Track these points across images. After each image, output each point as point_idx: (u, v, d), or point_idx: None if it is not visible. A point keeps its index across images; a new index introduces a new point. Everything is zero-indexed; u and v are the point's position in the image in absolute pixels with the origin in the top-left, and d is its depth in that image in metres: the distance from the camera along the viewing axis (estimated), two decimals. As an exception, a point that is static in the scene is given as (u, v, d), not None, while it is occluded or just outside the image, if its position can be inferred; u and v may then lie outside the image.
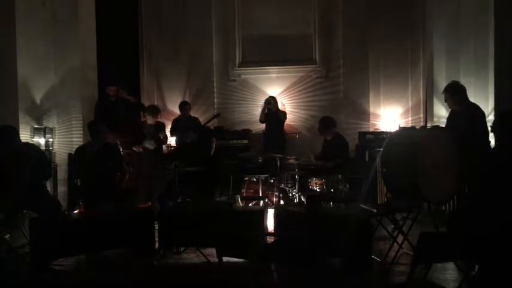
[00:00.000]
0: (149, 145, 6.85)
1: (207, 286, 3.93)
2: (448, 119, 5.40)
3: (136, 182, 6.25)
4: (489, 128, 5.08)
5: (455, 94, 5.14)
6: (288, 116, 8.11)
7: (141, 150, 6.70)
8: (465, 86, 5.37)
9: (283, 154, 6.86)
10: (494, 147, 4.59)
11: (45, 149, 6.86)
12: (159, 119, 7.27)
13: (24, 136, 6.70)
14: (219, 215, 4.61)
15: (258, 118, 7.99)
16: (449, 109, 5.39)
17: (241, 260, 4.26)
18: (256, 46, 8.85)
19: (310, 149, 7.16)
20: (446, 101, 5.25)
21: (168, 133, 7.89)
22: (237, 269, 4.18)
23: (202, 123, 7.72)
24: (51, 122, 7.28)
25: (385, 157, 4.77)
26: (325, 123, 6.52)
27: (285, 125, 8.04)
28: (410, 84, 8.51)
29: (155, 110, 7.24)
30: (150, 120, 7.05)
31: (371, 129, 8.22)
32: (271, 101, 7.72)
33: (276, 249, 4.31)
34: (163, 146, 7.46)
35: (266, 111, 7.76)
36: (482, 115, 5.10)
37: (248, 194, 6.37)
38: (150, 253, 4.59)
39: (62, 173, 7.06)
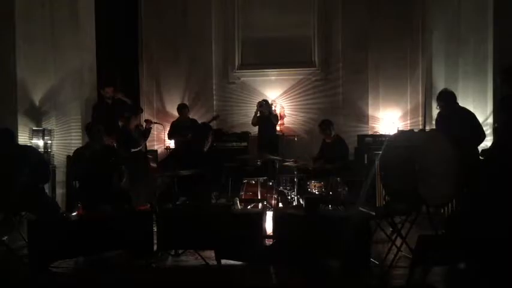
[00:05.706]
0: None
1: (205, 289, 3.91)
2: (437, 122, 5.55)
3: (134, 183, 6.23)
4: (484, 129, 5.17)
5: (438, 101, 5.40)
6: (287, 118, 8.10)
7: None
8: (464, 88, 5.40)
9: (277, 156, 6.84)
10: (493, 148, 4.59)
11: (44, 151, 6.83)
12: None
13: (23, 138, 6.70)
14: (218, 217, 4.59)
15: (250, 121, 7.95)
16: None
17: (240, 262, 4.27)
18: (255, 48, 8.86)
19: (308, 152, 7.15)
20: None
21: (165, 135, 7.90)
22: (236, 271, 4.17)
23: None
24: (50, 124, 7.25)
25: (384, 160, 4.78)
26: (323, 127, 6.53)
27: (281, 127, 8.02)
28: (409, 87, 8.52)
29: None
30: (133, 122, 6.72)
31: (370, 132, 8.23)
32: (264, 104, 7.71)
33: (275, 251, 4.31)
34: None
35: (258, 114, 7.75)
36: (470, 117, 5.21)
37: (247, 196, 6.36)
38: (148, 255, 4.57)
39: (60, 175, 7.03)
